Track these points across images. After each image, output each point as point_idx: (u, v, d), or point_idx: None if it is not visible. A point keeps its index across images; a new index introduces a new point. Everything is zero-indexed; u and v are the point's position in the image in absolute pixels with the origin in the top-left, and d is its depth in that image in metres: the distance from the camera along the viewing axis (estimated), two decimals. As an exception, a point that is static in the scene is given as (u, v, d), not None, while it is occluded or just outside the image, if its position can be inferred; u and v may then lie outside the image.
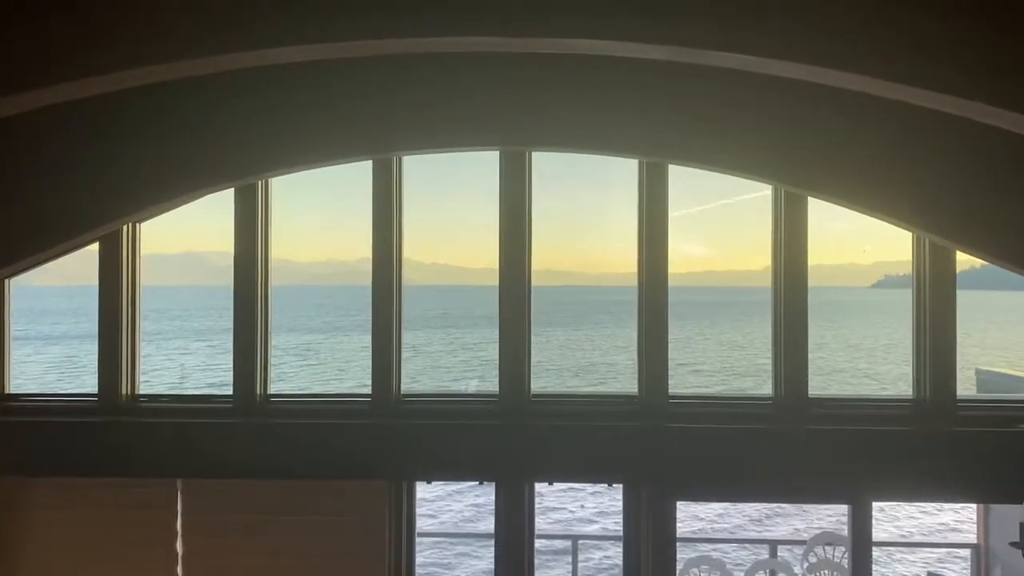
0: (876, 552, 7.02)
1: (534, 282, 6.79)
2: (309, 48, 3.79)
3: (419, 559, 6.86)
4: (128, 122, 6.32)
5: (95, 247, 6.85)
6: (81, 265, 6.96)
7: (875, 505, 6.65)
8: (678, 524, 6.51)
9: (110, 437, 6.71)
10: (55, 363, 44.00)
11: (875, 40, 3.86)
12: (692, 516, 19.82)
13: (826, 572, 9.24)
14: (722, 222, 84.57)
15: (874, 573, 6.59)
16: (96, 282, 6.86)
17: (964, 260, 6.64)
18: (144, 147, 6.38)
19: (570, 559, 10.31)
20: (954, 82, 3.83)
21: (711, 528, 19.81)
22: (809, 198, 6.55)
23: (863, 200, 6.23)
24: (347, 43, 3.75)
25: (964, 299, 6.69)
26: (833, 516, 16.39)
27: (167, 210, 6.76)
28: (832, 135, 6.16)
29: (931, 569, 14.60)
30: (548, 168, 6.82)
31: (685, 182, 6.73)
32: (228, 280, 6.84)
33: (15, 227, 6.47)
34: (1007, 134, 4.34)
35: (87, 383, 6.94)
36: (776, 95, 6.02)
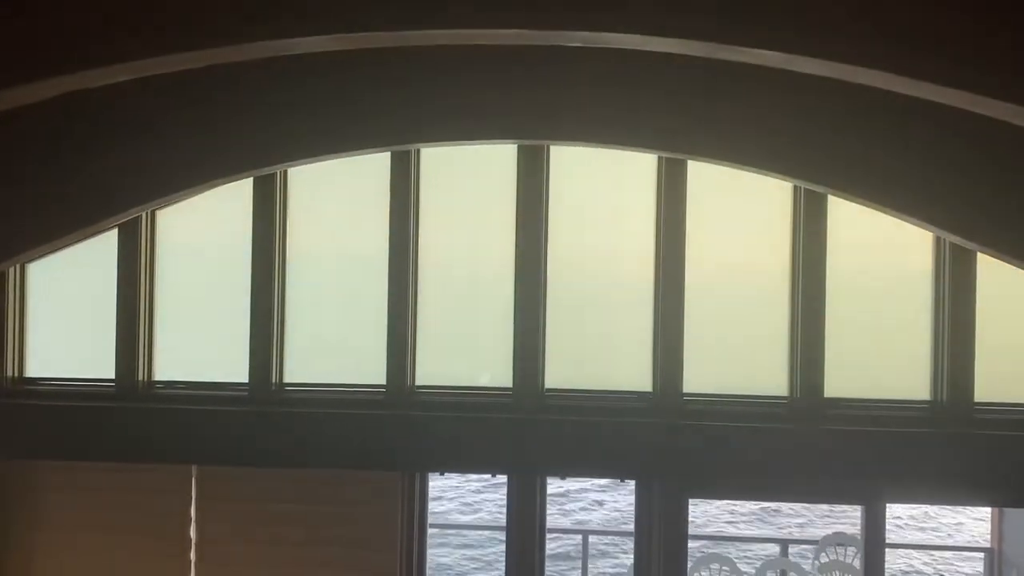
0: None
1: (549, 275, 6.79)
2: (332, 39, 3.79)
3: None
4: (148, 111, 6.34)
5: (113, 233, 6.90)
6: (98, 250, 6.98)
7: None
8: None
9: (126, 423, 6.76)
10: (74, 348, 44.24)
11: (897, 36, 3.82)
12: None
13: (838, 573, 9.22)
14: (736, 218, 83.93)
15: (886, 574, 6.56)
16: (114, 267, 6.91)
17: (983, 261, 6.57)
18: (163, 136, 6.40)
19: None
20: (977, 80, 3.78)
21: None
22: (829, 196, 6.50)
23: (882, 199, 6.18)
24: (372, 34, 3.74)
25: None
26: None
27: (185, 198, 6.80)
28: (851, 133, 6.10)
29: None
30: (565, 161, 6.79)
31: (698, 177, 6.70)
32: (245, 268, 6.87)
33: (35, 213, 6.51)
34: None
35: (106, 368, 6.99)
36: (796, 91, 5.95)
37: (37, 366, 7.15)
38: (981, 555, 9.06)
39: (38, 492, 6.92)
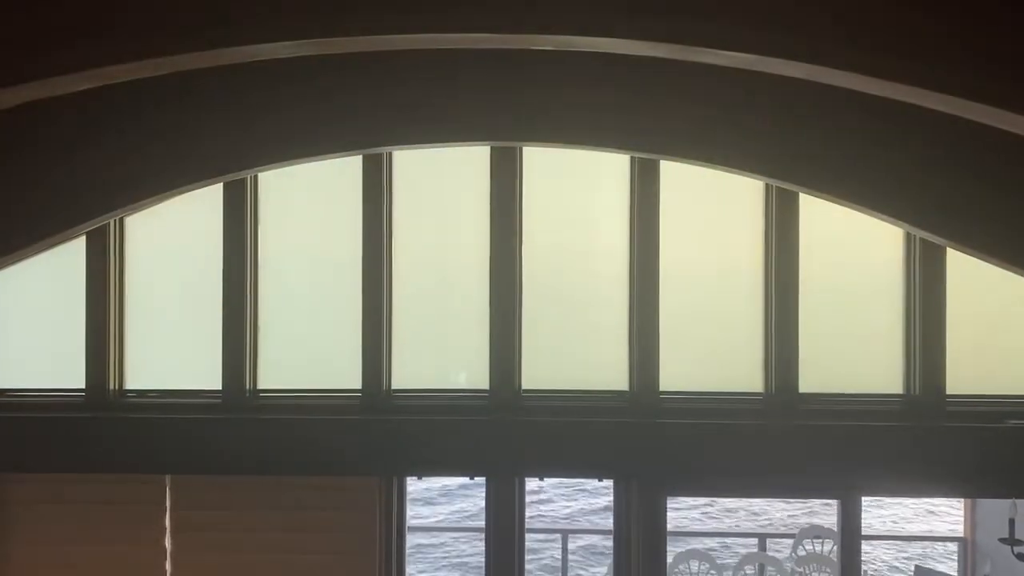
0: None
1: (524, 276, 6.78)
2: (303, 44, 3.74)
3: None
4: (114, 117, 6.25)
5: (81, 239, 6.79)
6: (66, 257, 6.88)
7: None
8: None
9: (97, 432, 6.66)
10: (43, 357, 43.49)
11: (866, 37, 3.84)
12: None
13: (815, 565, 9.31)
14: (709, 217, 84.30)
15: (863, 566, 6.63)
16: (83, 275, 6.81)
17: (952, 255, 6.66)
18: (130, 143, 6.30)
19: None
20: (949, 81, 3.81)
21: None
22: (800, 194, 6.55)
23: (853, 197, 6.22)
24: (344, 39, 3.70)
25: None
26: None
27: (153, 205, 6.70)
28: (823, 132, 6.13)
29: (919, 563, 14.71)
30: (539, 162, 6.80)
31: (672, 176, 6.73)
32: (216, 273, 6.80)
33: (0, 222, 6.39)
34: (1000, 130, 4.32)
35: (76, 378, 6.89)
36: (767, 91, 5.98)
37: (5, 376, 7.02)
38: (955, 544, 9.20)
39: (7, 505, 6.80)
